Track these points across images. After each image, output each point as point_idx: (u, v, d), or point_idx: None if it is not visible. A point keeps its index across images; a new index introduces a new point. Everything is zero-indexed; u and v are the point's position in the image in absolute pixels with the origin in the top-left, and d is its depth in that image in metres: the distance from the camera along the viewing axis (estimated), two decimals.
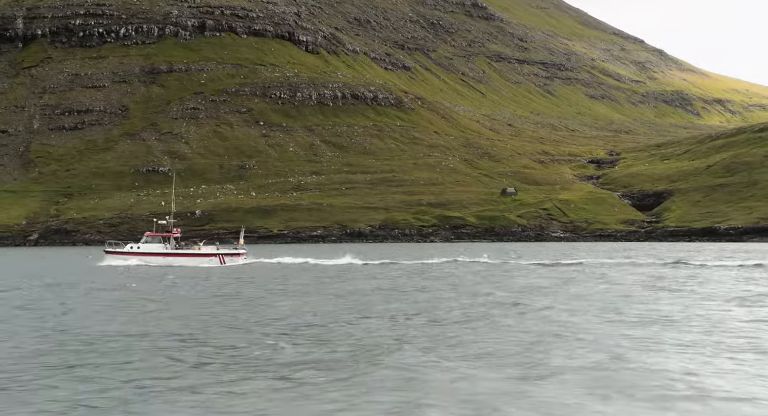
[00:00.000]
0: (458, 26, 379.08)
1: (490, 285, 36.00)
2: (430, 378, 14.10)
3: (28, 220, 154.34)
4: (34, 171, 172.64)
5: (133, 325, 22.04)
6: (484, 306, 26.32)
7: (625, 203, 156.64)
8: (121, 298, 31.32)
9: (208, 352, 17.19)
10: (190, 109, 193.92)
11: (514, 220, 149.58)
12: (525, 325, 21.26)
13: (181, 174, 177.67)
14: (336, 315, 24.12)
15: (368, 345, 17.87)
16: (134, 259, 62.52)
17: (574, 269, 49.06)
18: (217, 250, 64.18)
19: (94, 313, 25.62)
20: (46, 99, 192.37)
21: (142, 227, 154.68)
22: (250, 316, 24.05)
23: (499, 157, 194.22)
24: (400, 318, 23.20)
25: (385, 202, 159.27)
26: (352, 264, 56.88)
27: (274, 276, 44.63)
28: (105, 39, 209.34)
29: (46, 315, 24.92)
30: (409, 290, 33.75)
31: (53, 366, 15.75)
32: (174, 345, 18.25)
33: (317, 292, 32.92)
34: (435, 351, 16.93)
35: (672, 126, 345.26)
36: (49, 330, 21.32)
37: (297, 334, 19.91)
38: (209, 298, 31.04)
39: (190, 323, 22.53)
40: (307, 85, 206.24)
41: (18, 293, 34.02)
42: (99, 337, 19.61)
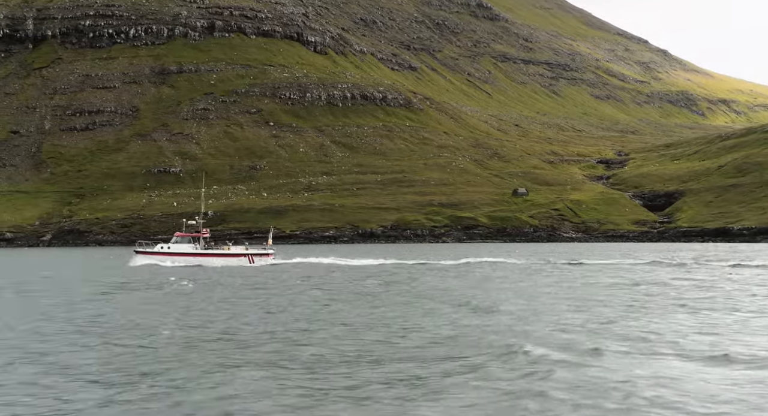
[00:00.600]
0: (463, 26, 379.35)
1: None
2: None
3: (41, 221, 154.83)
4: (46, 171, 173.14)
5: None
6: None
7: (636, 203, 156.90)
8: (315, 298, 31.77)
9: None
10: (200, 110, 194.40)
11: (526, 221, 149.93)
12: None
13: (192, 174, 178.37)
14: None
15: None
16: (165, 259, 62.91)
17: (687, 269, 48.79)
18: (246, 250, 64.58)
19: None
20: (57, 100, 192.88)
21: (154, 227, 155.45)
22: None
23: (509, 158, 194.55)
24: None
25: (396, 203, 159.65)
26: (401, 265, 57.46)
27: (337, 277, 44.48)
28: (115, 40, 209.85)
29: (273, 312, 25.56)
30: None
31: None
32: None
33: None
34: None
35: (677, 126, 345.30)
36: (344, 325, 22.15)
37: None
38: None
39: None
40: (316, 86, 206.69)
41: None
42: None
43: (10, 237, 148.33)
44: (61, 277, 47.98)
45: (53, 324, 23.02)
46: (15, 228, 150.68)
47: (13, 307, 28.97)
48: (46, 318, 24.58)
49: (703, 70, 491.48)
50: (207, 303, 29.37)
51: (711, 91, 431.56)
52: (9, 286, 39.13)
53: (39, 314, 25.82)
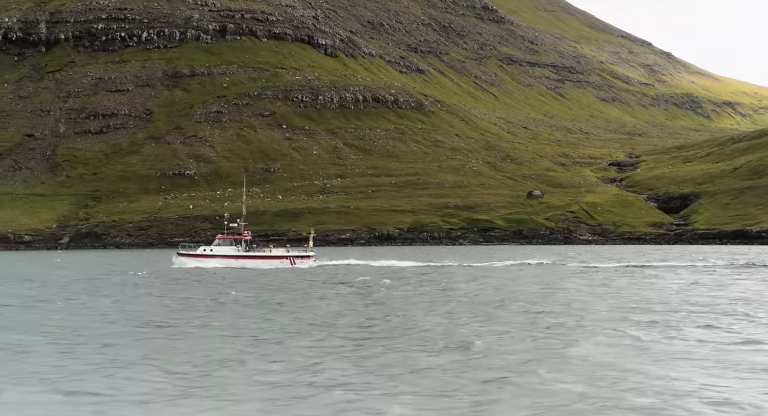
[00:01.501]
0: (469, 29, 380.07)
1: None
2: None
3: (58, 224, 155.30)
4: (62, 175, 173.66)
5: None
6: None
7: (651, 206, 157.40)
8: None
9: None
10: (213, 113, 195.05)
11: (542, 223, 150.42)
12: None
13: (206, 177, 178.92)
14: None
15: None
16: (207, 261, 63.38)
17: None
18: (287, 252, 65.11)
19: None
20: (70, 103, 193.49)
21: (171, 230, 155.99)
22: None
23: (521, 160, 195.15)
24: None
25: (412, 205, 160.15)
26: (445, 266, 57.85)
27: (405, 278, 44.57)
28: (127, 43, 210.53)
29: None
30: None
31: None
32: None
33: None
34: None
35: (684, 128, 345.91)
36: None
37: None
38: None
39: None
40: (328, 88, 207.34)
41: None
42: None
43: (28, 240, 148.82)
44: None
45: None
46: (33, 231, 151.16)
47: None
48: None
49: (707, 72, 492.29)
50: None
51: (715, 93, 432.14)
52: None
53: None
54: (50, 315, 26.67)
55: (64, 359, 17.70)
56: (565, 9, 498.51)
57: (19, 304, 31.17)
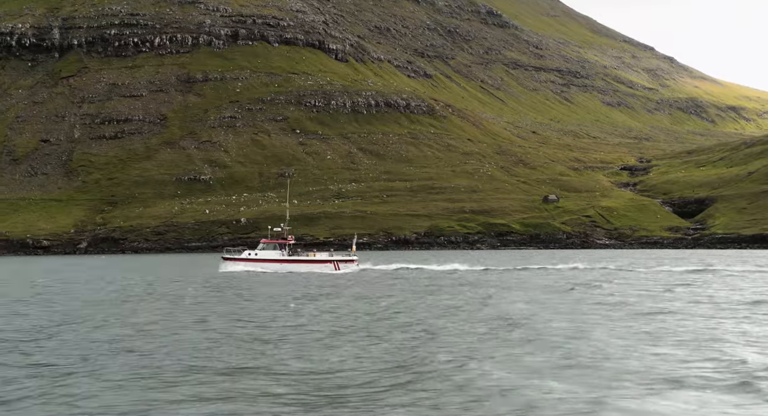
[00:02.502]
0: (474, 34, 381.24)
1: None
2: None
3: (76, 229, 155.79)
4: (78, 180, 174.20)
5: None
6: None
7: (666, 210, 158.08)
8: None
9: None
10: (227, 118, 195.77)
11: (559, 227, 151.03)
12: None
13: (221, 182, 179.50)
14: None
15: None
16: (253, 266, 63.92)
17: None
18: (331, 257, 65.66)
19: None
20: (85, 108, 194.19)
21: (188, 235, 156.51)
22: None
23: (534, 164, 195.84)
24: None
25: (428, 210, 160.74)
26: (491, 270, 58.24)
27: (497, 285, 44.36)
28: (140, 49, 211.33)
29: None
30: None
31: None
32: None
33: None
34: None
35: (689, 133, 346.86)
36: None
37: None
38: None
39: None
40: (340, 93, 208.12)
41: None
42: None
43: (46, 245, 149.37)
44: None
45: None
46: (51, 236, 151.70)
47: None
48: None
49: (709, 77, 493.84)
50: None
51: (719, 98, 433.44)
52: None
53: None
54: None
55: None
56: (568, 14, 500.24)
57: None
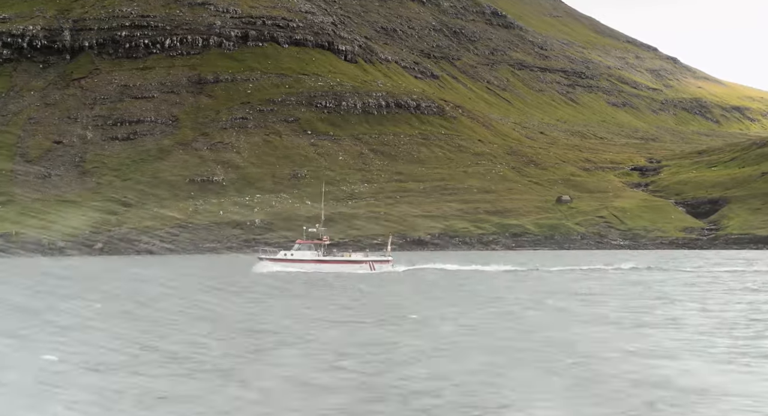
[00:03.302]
0: (480, 35, 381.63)
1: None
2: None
3: (91, 230, 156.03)
4: (91, 181, 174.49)
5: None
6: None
7: (680, 210, 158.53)
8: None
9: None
10: (239, 119, 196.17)
11: (573, 228, 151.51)
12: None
13: (234, 183, 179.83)
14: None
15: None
16: (289, 266, 64.25)
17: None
18: (366, 257, 66.03)
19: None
20: (97, 110, 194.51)
21: (204, 236, 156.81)
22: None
23: (545, 165, 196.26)
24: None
25: (441, 210, 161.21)
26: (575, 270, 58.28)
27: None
28: (151, 50, 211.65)
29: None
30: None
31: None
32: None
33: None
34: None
35: (695, 133, 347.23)
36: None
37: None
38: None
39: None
40: (351, 94, 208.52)
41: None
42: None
43: (62, 246, 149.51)
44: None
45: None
46: (66, 237, 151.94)
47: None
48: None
49: (713, 77, 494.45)
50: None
51: (723, 98, 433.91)
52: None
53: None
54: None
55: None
56: (570, 14, 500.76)
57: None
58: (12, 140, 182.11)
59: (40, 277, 61.51)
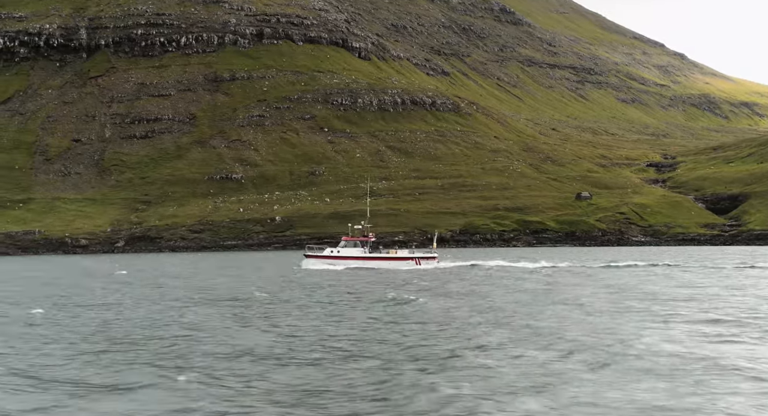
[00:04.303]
0: (489, 31, 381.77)
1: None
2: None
3: (112, 228, 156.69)
4: (111, 179, 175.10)
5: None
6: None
7: (699, 207, 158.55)
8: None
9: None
10: (255, 117, 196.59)
11: (594, 225, 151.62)
12: None
13: (253, 180, 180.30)
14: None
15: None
16: (335, 263, 64.63)
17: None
18: (412, 254, 66.40)
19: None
20: (115, 108, 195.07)
21: (224, 233, 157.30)
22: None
23: (562, 162, 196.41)
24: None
25: (461, 207, 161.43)
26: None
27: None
28: (166, 48, 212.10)
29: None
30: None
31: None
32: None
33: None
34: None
35: (704, 129, 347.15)
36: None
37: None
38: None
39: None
40: (366, 91, 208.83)
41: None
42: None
43: (85, 244, 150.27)
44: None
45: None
46: (89, 235, 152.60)
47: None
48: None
49: (720, 73, 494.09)
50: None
51: (730, 94, 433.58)
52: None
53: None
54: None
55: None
56: (577, 10, 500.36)
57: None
58: (31, 138, 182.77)
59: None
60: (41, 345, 21.72)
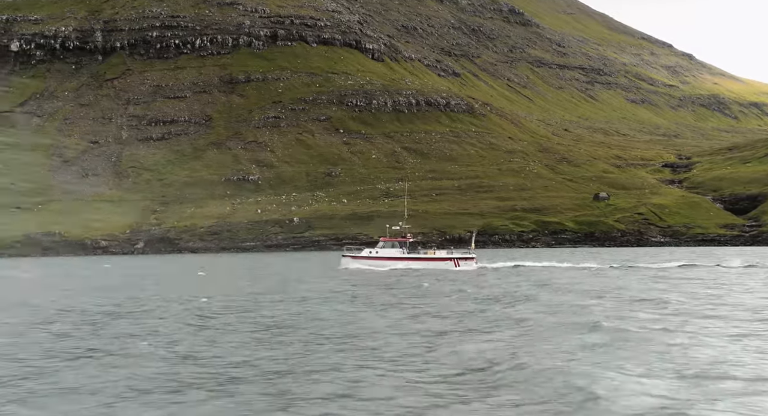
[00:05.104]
0: (498, 32, 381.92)
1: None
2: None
3: (131, 229, 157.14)
4: (128, 181, 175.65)
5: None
6: None
7: (718, 207, 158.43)
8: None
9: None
10: (271, 118, 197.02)
11: (613, 225, 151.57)
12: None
13: (270, 182, 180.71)
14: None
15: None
16: (374, 263, 64.80)
17: None
18: (450, 254, 66.51)
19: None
20: (131, 110, 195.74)
21: (243, 235, 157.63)
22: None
23: (577, 162, 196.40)
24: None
25: (479, 208, 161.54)
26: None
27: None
28: (181, 50, 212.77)
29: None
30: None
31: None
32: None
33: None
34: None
35: (714, 129, 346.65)
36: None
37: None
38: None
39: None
40: (381, 93, 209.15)
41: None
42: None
43: (104, 246, 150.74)
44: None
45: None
46: (108, 236, 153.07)
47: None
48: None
49: (729, 73, 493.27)
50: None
51: (739, 94, 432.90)
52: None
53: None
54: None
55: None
56: (584, 11, 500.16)
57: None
58: (49, 140, 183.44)
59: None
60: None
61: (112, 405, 14.46)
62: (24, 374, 17.47)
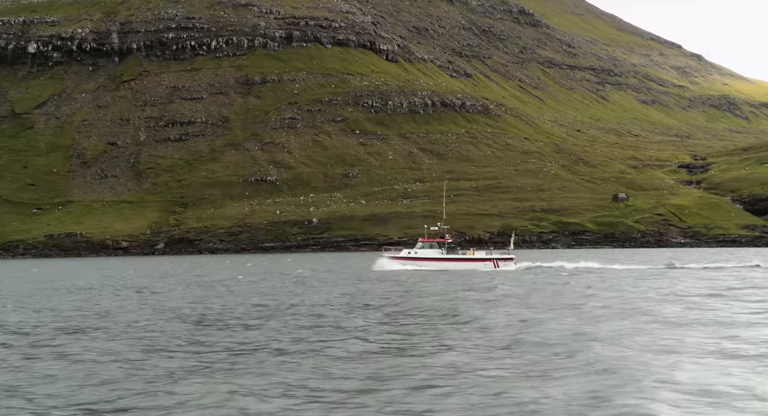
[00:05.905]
0: (508, 33, 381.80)
1: None
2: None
3: (151, 230, 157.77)
4: (147, 182, 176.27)
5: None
6: None
7: (737, 208, 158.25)
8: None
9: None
10: (287, 119, 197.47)
11: (633, 226, 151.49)
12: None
13: (287, 182, 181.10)
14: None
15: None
16: (411, 264, 64.99)
17: None
18: (489, 255, 66.69)
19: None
20: (148, 111, 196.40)
21: (262, 235, 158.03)
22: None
23: (594, 163, 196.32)
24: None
25: (498, 209, 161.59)
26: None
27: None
28: (197, 52, 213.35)
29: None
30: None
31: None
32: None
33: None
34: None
35: (726, 130, 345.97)
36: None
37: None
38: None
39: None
40: (397, 93, 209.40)
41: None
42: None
43: (125, 246, 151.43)
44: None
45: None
46: (128, 237, 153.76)
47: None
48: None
49: (738, 74, 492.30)
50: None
51: (749, 95, 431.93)
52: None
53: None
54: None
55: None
56: (592, 12, 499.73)
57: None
58: (67, 142, 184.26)
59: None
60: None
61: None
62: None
